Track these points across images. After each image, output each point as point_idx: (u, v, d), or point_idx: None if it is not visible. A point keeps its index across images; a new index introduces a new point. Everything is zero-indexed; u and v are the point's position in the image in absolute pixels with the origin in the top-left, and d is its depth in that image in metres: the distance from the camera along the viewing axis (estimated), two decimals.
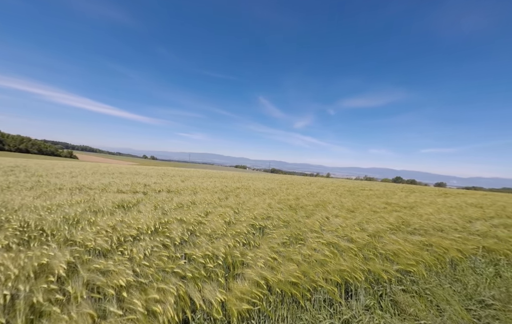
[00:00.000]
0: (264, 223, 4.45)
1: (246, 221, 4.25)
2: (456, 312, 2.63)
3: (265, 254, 2.83)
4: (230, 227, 3.86)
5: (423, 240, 4.14)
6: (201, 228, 3.68)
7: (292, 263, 2.74)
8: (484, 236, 5.10)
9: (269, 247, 3.13)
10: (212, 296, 2.01)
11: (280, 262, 2.80)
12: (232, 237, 3.36)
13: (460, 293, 3.07)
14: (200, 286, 2.22)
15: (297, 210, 6.33)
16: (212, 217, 4.38)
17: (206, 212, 4.89)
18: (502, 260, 4.24)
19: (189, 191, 8.82)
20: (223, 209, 5.18)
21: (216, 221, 4.06)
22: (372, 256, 3.41)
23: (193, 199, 6.64)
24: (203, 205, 5.68)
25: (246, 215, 4.75)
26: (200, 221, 4.07)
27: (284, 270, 2.49)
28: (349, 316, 2.41)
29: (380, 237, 4.14)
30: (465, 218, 6.74)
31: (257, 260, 2.65)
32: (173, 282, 2.13)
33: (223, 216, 4.48)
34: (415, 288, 3.01)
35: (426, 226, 5.33)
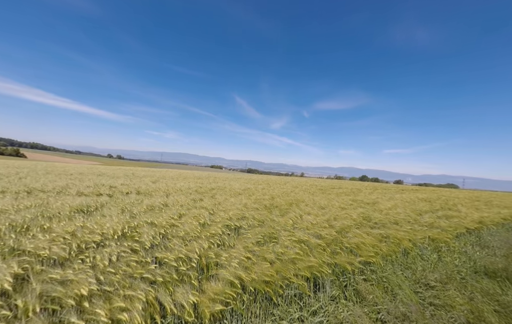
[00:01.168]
0: (239, 223, 4.48)
1: (221, 222, 4.23)
2: (406, 295, 3.01)
3: (240, 254, 2.87)
4: (204, 229, 3.80)
5: (382, 233, 4.63)
6: (174, 231, 3.55)
7: (265, 262, 2.83)
8: (430, 227, 5.90)
9: (243, 247, 3.17)
10: (184, 299, 1.98)
11: (254, 261, 2.87)
12: (207, 239, 3.32)
13: (410, 278, 3.52)
14: (171, 290, 2.16)
15: (272, 209, 6.50)
16: (186, 219, 4.25)
17: (180, 214, 4.72)
18: (443, 247, 4.98)
19: (161, 193, 8.38)
20: (197, 210, 5.06)
21: (190, 223, 3.95)
22: (338, 250, 3.70)
23: (165, 201, 6.33)
24: (176, 207, 5.47)
25: (221, 216, 4.72)
26: (173, 224, 3.93)
27: (257, 269, 2.56)
28: (316, 307, 2.60)
29: (346, 232, 4.50)
30: (417, 212, 7.71)
31: (232, 261, 2.67)
32: (142, 288, 2.03)
33: (198, 217, 4.38)
34: (374, 277, 3.37)
35: (385, 220, 5.95)
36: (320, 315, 2.45)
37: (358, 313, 2.57)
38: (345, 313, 2.57)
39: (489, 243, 5.49)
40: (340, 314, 2.56)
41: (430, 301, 2.94)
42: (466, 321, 2.54)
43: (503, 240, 5.85)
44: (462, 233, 5.95)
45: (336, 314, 2.56)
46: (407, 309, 2.65)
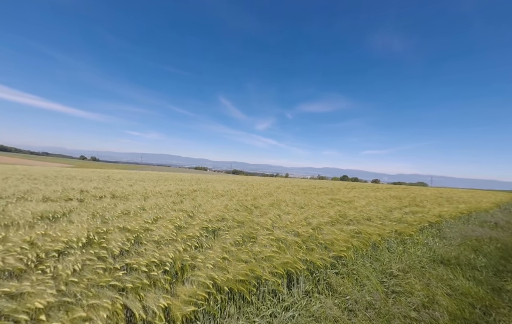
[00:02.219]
0: (218, 225, 4.47)
1: (200, 224, 4.18)
2: (373, 285, 3.25)
3: (216, 255, 2.88)
4: (181, 232, 3.74)
5: (354, 229, 4.92)
6: (148, 235, 3.44)
7: (241, 261, 2.87)
8: (398, 222, 6.39)
9: (221, 248, 3.18)
10: (155, 304, 1.94)
11: (231, 261, 2.89)
12: (183, 242, 3.27)
13: (377, 269, 3.80)
14: (142, 296, 2.10)
15: (253, 210, 6.56)
16: (162, 222, 4.14)
17: (156, 217, 4.58)
18: (408, 239, 5.43)
19: (139, 196, 8.02)
20: (175, 213, 4.94)
21: (166, 226, 3.86)
22: (313, 246, 3.86)
23: (142, 204, 6.08)
24: (153, 211, 5.28)
25: (201, 218, 4.67)
26: (148, 228, 3.80)
27: (233, 269, 2.59)
28: (290, 302, 2.70)
29: (321, 229, 4.71)
30: (387, 208, 8.30)
31: (208, 262, 2.67)
32: (109, 295, 1.96)
33: (175, 220, 4.29)
34: (345, 270, 3.58)
35: (359, 216, 6.33)
36: (293, 309, 2.55)
37: (328, 305, 2.72)
38: (317, 306, 2.71)
39: (447, 235, 6.10)
40: (312, 307, 2.68)
41: (393, 289, 3.20)
42: (421, 304, 2.81)
43: (458, 231, 6.55)
44: (425, 226, 6.54)
45: (308, 307, 2.68)
46: (372, 297, 2.87)
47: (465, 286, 3.40)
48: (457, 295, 3.17)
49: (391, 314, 2.57)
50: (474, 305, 2.99)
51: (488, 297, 3.20)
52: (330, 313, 2.52)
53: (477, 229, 6.91)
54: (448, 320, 2.60)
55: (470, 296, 3.19)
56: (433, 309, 2.74)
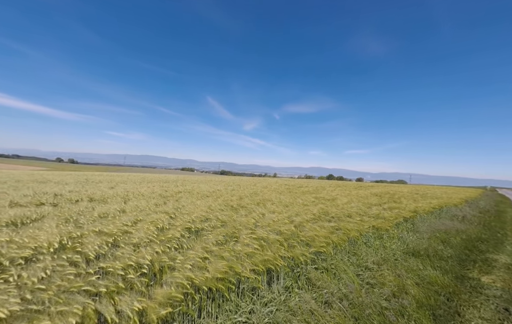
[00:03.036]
0: (201, 225, 4.43)
1: (182, 225, 4.12)
2: (350, 278, 3.41)
3: (197, 255, 2.86)
4: (162, 234, 3.66)
5: (335, 225, 5.11)
6: (126, 238, 3.33)
7: (222, 260, 2.88)
8: (376, 217, 6.73)
9: (202, 248, 3.16)
10: (129, 307, 1.90)
11: (212, 261, 2.89)
12: (163, 244, 3.22)
13: (354, 263, 3.99)
14: (116, 300, 2.05)
15: (238, 209, 6.58)
16: (143, 224, 4.02)
17: (136, 220, 4.44)
18: (384, 234, 5.75)
19: (119, 199, 7.70)
20: (157, 215, 4.82)
21: (146, 229, 3.76)
22: (295, 243, 3.97)
23: (122, 207, 5.86)
24: (134, 213, 5.11)
25: (183, 219, 4.60)
26: (126, 231, 3.68)
27: (213, 268, 2.60)
28: (269, 298, 2.76)
29: (303, 227, 4.84)
30: (367, 205, 8.70)
31: (187, 263, 2.65)
32: (80, 301, 1.89)
33: (156, 222, 4.19)
34: (324, 265, 3.72)
35: (340, 214, 6.57)
36: (271, 305, 2.61)
37: (307, 299, 2.82)
38: (295, 300, 2.80)
39: (419, 228, 6.54)
40: (291, 301, 2.77)
41: (367, 281, 3.39)
42: (392, 294, 3.01)
43: (430, 225, 7.04)
44: (400, 222, 6.95)
45: (287, 302, 2.76)
46: (348, 289, 3.01)
47: (432, 275, 3.68)
48: (425, 284, 3.43)
49: (364, 304, 2.72)
50: (439, 293, 3.25)
51: (452, 285, 3.50)
52: (307, 307, 2.61)
53: (447, 223, 7.47)
54: (415, 307, 2.80)
55: (436, 284, 3.46)
56: (403, 298, 2.94)
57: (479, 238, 6.23)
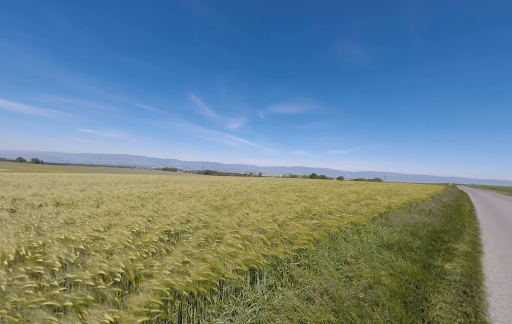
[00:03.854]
0: (182, 227, 4.28)
1: (161, 228, 3.94)
2: (330, 273, 3.53)
3: (176, 259, 2.75)
4: (138, 238, 3.46)
5: (317, 222, 5.27)
6: (97, 245, 3.09)
7: (204, 263, 2.80)
8: (354, 214, 7.08)
9: (182, 252, 3.05)
10: (99, 320, 1.75)
11: (193, 264, 2.80)
12: (139, 249, 3.04)
13: (334, 258, 4.15)
14: (85, 314, 1.88)
15: (222, 209, 6.48)
16: (117, 229, 3.76)
17: (109, 225, 4.14)
18: (362, 229, 6.06)
19: (91, 202, 7.13)
20: (134, 218, 4.55)
21: (121, 234, 3.52)
22: (278, 242, 4.01)
23: (94, 211, 5.43)
24: (107, 218, 4.77)
25: (163, 221, 4.40)
26: (98, 237, 3.41)
27: (194, 272, 2.51)
28: (253, 298, 2.75)
29: (287, 225, 4.91)
30: (347, 202, 9.13)
31: (166, 268, 2.53)
32: (41, 318, 1.69)
33: (132, 226, 3.95)
34: (306, 261, 3.81)
35: (321, 211, 6.80)
36: (255, 305, 2.60)
37: (290, 296, 2.86)
38: (279, 298, 2.82)
39: (392, 223, 7.02)
40: (274, 300, 2.78)
41: (346, 274, 3.54)
42: (368, 286, 3.18)
43: (401, 219, 7.60)
44: (376, 217, 7.39)
45: (270, 301, 2.78)
46: (328, 284, 3.12)
47: (403, 266, 3.96)
48: (397, 274, 3.68)
49: (343, 297, 2.84)
50: (410, 281, 3.51)
51: (420, 273, 3.80)
52: (290, 304, 2.65)
53: (415, 217, 8.12)
54: (389, 297, 2.99)
55: (407, 274, 3.73)
56: (377, 289, 3.12)
57: (443, 230, 6.87)
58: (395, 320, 2.57)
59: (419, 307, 2.88)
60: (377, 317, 2.56)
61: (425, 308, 2.87)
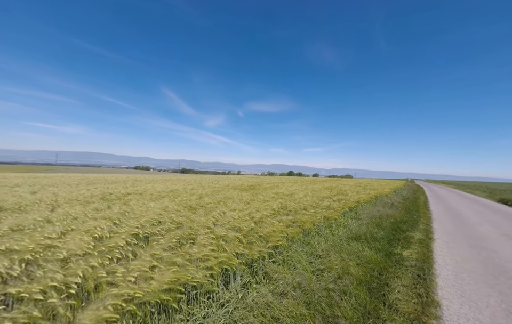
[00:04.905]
0: (152, 230, 4.02)
1: (128, 232, 3.64)
2: (303, 267, 3.65)
3: (143, 265, 2.56)
4: (101, 244, 3.14)
5: (292, 218, 5.42)
6: (49, 254, 2.72)
7: (174, 266, 2.66)
8: (327, 209, 7.46)
9: (150, 255, 2.86)
10: None
11: (162, 268, 2.64)
12: (101, 255, 2.76)
13: (308, 252, 4.31)
14: None
15: (198, 209, 6.27)
16: (75, 235, 3.37)
17: (66, 230, 3.69)
18: (333, 223, 6.41)
19: (44, 206, 6.29)
20: (97, 222, 4.13)
21: (80, 239, 3.16)
22: (254, 240, 4.01)
23: (48, 215, 4.80)
24: (64, 222, 4.25)
25: (130, 224, 4.07)
26: (50, 245, 3.01)
27: (162, 277, 2.37)
28: (227, 298, 2.70)
29: (263, 222, 4.95)
30: (320, 198, 9.57)
31: (130, 274, 2.34)
32: None
33: (94, 231, 3.57)
34: (281, 257, 3.88)
35: (297, 207, 7.02)
36: (228, 305, 2.56)
37: (264, 293, 2.88)
38: (253, 296, 2.82)
39: (360, 216, 7.57)
40: (248, 298, 2.78)
41: (318, 267, 3.70)
42: (338, 276, 3.37)
43: (368, 212, 8.24)
44: (346, 211, 7.90)
45: (245, 299, 2.76)
46: (301, 278, 3.22)
47: (368, 255, 4.29)
48: (363, 263, 3.97)
49: (314, 289, 2.96)
50: (374, 269, 3.81)
51: (383, 261, 4.15)
52: (264, 300, 2.67)
53: (380, 209, 8.89)
54: (356, 285, 3.21)
55: (371, 262, 4.05)
56: (346, 279, 3.33)
57: (402, 220, 7.64)
58: (360, 306, 2.77)
59: (381, 292, 3.15)
60: (344, 305, 2.72)
61: (386, 292, 3.14)
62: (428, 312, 2.81)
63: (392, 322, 2.57)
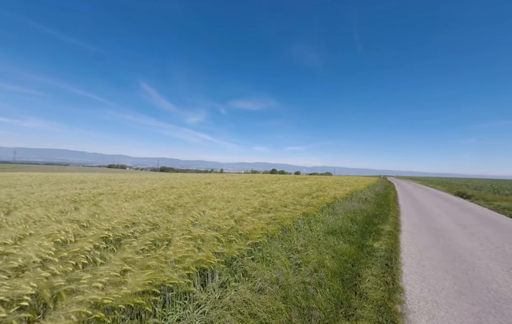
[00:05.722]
0: (125, 232, 3.79)
1: (97, 235, 3.38)
2: (282, 263, 3.73)
3: (113, 269, 2.40)
4: (64, 249, 2.88)
5: (272, 216, 5.50)
6: (1, 263, 2.42)
7: (148, 269, 2.54)
8: (306, 205, 7.70)
9: (121, 259, 2.69)
10: None
11: (134, 272, 2.50)
12: (64, 262, 2.53)
13: (287, 248, 4.41)
14: None
15: (176, 209, 6.05)
16: (34, 240, 3.04)
17: (23, 235, 3.32)
18: (312, 219, 6.65)
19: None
20: (60, 225, 3.77)
21: (39, 245, 2.86)
22: (233, 238, 3.99)
23: (1, 219, 4.26)
24: (21, 227, 3.81)
25: (100, 226, 3.79)
26: (2, 252, 2.68)
27: (134, 282, 2.24)
28: (204, 299, 2.66)
29: (243, 220, 4.95)
30: (300, 195, 9.86)
31: (97, 280, 2.18)
32: None
33: (57, 235, 3.26)
34: (260, 254, 3.92)
35: (277, 204, 7.14)
36: (205, 306, 2.52)
37: (242, 291, 2.88)
38: (231, 294, 2.81)
39: (337, 211, 7.96)
40: (226, 297, 2.76)
41: (296, 262, 3.81)
42: (314, 270, 3.50)
43: (344, 207, 8.70)
44: (324, 207, 8.24)
45: (222, 299, 2.74)
46: (279, 273, 3.29)
47: (343, 248, 4.53)
48: (338, 256, 4.18)
49: (291, 284, 3.04)
50: (347, 261, 4.03)
51: (356, 253, 4.41)
52: (241, 298, 2.67)
53: (355, 205, 9.44)
54: (330, 277, 3.37)
55: (345, 255, 4.28)
56: (321, 271, 3.48)
57: (374, 214, 8.19)
58: (333, 296, 2.91)
59: (353, 282, 3.34)
60: (319, 297, 2.84)
61: (358, 282, 3.35)
62: (394, 297, 3.05)
63: (362, 309, 2.75)
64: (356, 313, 2.66)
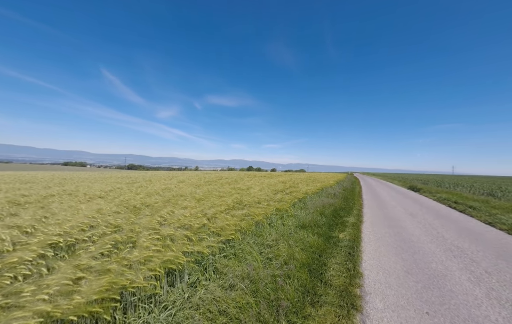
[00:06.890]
0: (80, 236, 3.41)
1: (44, 241, 2.97)
2: (254, 258, 3.79)
3: (63, 278, 2.14)
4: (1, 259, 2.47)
5: (246, 212, 5.53)
6: None
7: (107, 275, 2.33)
8: (279, 201, 7.92)
9: (75, 266, 2.42)
10: None
11: (90, 279, 2.27)
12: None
13: (259, 244, 4.49)
14: None
15: (143, 209, 5.67)
16: None
17: None
18: (284, 214, 6.88)
19: None
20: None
21: None
22: (204, 236, 3.91)
23: None
24: None
25: (49, 231, 3.34)
26: None
27: (89, 289, 2.04)
28: (171, 300, 2.55)
29: (216, 218, 4.88)
30: (274, 191, 10.11)
31: (43, 292, 1.92)
32: None
33: None
34: (232, 251, 3.92)
35: (251, 201, 7.20)
36: (172, 307, 2.43)
37: (212, 289, 2.85)
38: (200, 294, 2.75)
39: (308, 206, 8.38)
40: (196, 296, 2.69)
41: (267, 256, 3.91)
42: (284, 263, 3.64)
43: (314, 202, 9.20)
44: (296, 202, 8.60)
45: (191, 298, 2.67)
46: (250, 268, 3.33)
47: (312, 240, 4.79)
48: (307, 248, 4.41)
49: (262, 278, 3.11)
50: (315, 252, 4.28)
51: (323, 244, 4.71)
52: (211, 296, 2.64)
53: (324, 199, 10.05)
54: (299, 268, 3.53)
55: (314, 246, 4.53)
56: (291, 264, 3.63)
57: (341, 208, 8.85)
58: (301, 286, 3.07)
59: (319, 271, 3.57)
60: (288, 288, 2.96)
61: (324, 271, 3.59)
62: (354, 282, 3.35)
63: (327, 295, 2.96)
64: (320, 300, 2.85)
